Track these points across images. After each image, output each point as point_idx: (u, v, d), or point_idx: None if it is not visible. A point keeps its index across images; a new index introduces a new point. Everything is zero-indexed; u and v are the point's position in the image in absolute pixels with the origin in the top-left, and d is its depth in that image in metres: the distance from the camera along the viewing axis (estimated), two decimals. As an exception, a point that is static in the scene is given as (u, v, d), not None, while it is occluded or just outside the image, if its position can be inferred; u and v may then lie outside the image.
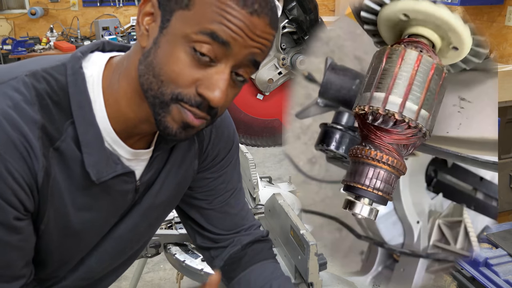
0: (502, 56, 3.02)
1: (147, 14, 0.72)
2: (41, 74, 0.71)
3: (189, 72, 0.68)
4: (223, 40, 0.66)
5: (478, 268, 1.93)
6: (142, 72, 0.70)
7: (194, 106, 0.70)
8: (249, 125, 1.43)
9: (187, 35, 0.67)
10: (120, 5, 5.36)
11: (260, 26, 0.68)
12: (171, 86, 0.68)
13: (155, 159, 0.84)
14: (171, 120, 0.71)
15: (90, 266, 0.86)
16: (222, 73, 0.69)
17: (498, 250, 1.98)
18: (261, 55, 0.72)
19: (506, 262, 1.92)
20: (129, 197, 0.83)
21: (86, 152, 0.72)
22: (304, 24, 1.27)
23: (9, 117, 0.65)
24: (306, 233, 1.10)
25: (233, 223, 1.02)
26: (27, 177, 0.67)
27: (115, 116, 0.75)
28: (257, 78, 1.36)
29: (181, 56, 0.67)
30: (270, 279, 0.98)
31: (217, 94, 0.68)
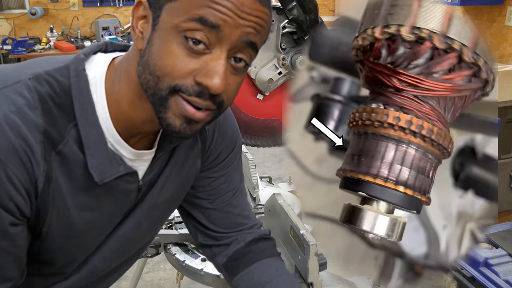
0: (502, 56, 3.02)
1: (141, 17, 0.72)
2: (44, 77, 0.71)
3: (184, 64, 0.67)
4: (212, 23, 0.65)
5: (478, 268, 1.93)
6: (140, 72, 0.70)
7: (193, 95, 0.68)
8: (249, 125, 1.43)
9: (177, 25, 0.66)
10: (120, 5, 5.36)
11: (248, 3, 0.67)
12: (166, 79, 0.68)
13: (158, 159, 0.84)
14: (172, 115, 0.70)
15: (93, 265, 0.87)
16: (218, 58, 0.68)
17: (498, 250, 1.98)
18: (256, 35, 0.70)
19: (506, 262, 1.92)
20: (132, 197, 0.83)
21: (89, 153, 0.72)
22: (304, 24, 1.27)
23: (12, 122, 0.65)
24: (306, 233, 1.10)
25: (235, 222, 1.02)
26: (26, 182, 0.67)
27: (117, 117, 0.75)
28: (257, 78, 1.36)
29: (173, 49, 0.67)
30: (275, 275, 0.98)
31: (216, 80, 0.67)
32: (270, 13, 0.72)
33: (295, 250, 1.16)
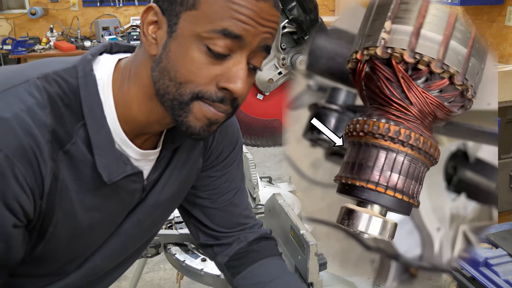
0: (502, 56, 3.02)
1: (151, 22, 0.72)
2: (53, 77, 0.71)
3: (206, 70, 0.69)
4: (235, 34, 0.67)
5: (478, 268, 1.93)
6: (156, 78, 0.71)
7: (216, 101, 0.70)
8: (249, 125, 1.43)
9: (198, 34, 0.67)
10: (120, 5, 5.36)
11: (266, 10, 0.69)
12: (190, 86, 0.69)
13: (161, 159, 0.84)
14: (193, 119, 0.72)
15: (94, 263, 0.87)
16: (239, 63, 0.70)
17: (498, 250, 1.98)
18: (271, 39, 0.73)
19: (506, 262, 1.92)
20: (136, 196, 0.84)
21: (98, 153, 0.73)
22: (304, 24, 1.27)
23: (22, 121, 0.66)
24: (306, 233, 1.09)
25: (236, 221, 1.02)
26: (31, 182, 0.68)
27: (125, 118, 0.75)
28: (257, 78, 1.36)
29: (195, 56, 0.68)
30: (279, 274, 0.98)
31: (239, 84, 0.69)
32: None
33: (295, 250, 1.16)
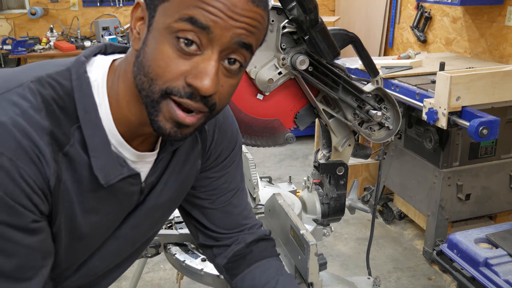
0: (502, 56, 3.02)
1: (139, 18, 0.72)
2: (46, 79, 0.71)
3: (175, 65, 0.67)
4: (202, 24, 0.65)
5: (478, 268, 1.93)
6: (135, 73, 0.70)
7: (184, 97, 0.68)
8: (249, 125, 1.42)
9: (169, 25, 0.66)
10: (120, 5, 5.35)
11: (240, 4, 0.66)
12: (159, 82, 0.68)
13: (160, 161, 0.84)
14: (162, 119, 0.70)
15: (93, 264, 0.87)
16: (209, 59, 0.67)
17: (498, 250, 1.98)
18: (250, 36, 0.69)
19: (506, 262, 1.92)
20: (134, 199, 0.83)
21: (94, 156, 0.72)
22: (304, 24, 1.27)
23: (18, 124, 0.65)
24: (306, 233, 1.09)
25: (235, 222, 1.02)
26: (40, 182, 0.67)
27: (119, 118, 0.75)
28: (257, 78, 1.36)
29: (165, 50, 0.66)
30: (275, 276, 0.98)
31: (206, 82, 0.66)
32: (267, 13, 0.71)
33: (295, 250, 1.16)
